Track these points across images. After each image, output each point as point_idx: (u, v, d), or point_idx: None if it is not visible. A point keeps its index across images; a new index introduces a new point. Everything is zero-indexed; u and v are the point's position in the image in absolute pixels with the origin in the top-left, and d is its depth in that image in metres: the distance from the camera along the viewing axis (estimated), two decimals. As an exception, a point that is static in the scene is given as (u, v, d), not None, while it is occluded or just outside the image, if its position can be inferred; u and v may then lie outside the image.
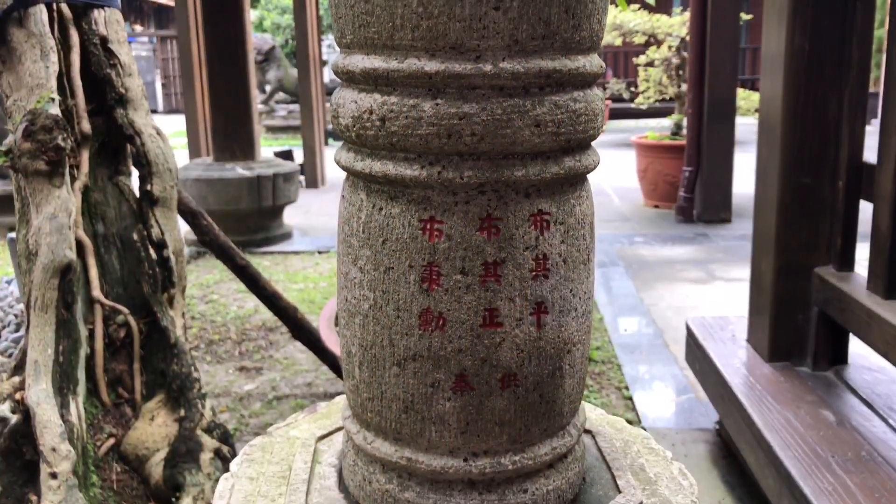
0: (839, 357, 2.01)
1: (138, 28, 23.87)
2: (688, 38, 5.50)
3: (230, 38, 4.77)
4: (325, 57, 13.88)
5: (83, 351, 2.05)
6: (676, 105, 5.92)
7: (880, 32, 12.90)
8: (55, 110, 2.07)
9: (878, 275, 1.76)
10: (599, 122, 0.76)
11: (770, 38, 1.99)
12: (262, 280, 2.62)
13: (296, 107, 12.83)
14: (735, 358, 2.11)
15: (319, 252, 4.75)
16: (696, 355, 2.27)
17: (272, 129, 12.96)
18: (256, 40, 12.79)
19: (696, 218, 5.34)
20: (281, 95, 13.81)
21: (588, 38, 0.74)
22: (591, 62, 0.75)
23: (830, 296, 1.91)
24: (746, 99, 5.72)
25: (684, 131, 5.60)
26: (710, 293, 3.74)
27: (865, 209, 1.90)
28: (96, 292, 2.12)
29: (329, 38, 15.21)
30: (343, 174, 0.85)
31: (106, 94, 2.27)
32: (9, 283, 4.21)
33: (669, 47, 5.88)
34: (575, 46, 0.73)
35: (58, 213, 2.01)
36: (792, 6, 1.88)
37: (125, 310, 2.14)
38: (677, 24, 5.79)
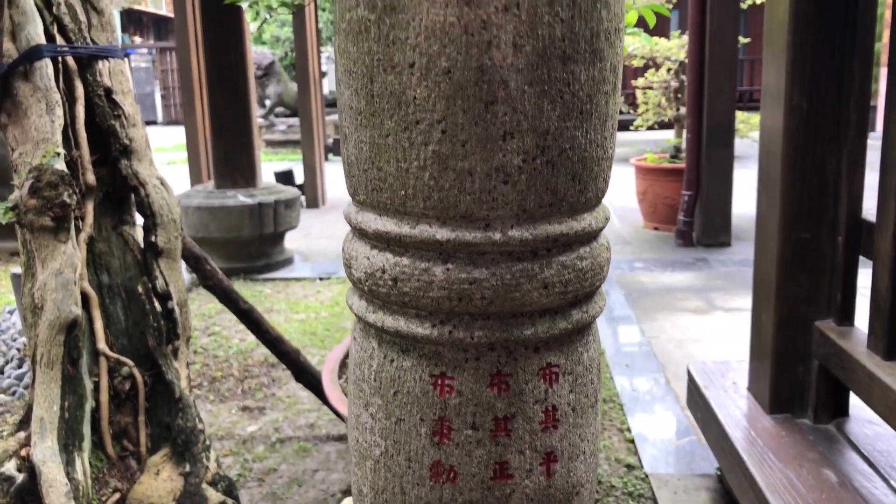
0: (840, 409, 2.03)
1: (137, 39, 23.93)
2: (686, 61, 5.53)
3: (231, 64, 4.79)
4: (324, 68, 13.93)
5: (88, 405, 2.06)
6: (675, 128, 5.95)
7: (878, 46, 12.96)
8: (61, 165, 2.09)
9: (877, 335, 1.77)
10: (605, 272, 0.78)
11: (769, 95, 2.01)
12: (265, 324, 2.63)
13: (295, 121, 12.87)
14: (736, 408, 2.12)
15: (321, 279, 4.76)
16: (698, 403, 2.29)
17: (272, 144, 12.99)
18: (256, 55, 12.84)
19: (695, 241, 5.36)
20: (280, 109, 13.85)
21: (594, 196, 0.75)
22: (597, 217, 0.77)
23: (831, 351, 1.93)
24: (745, 122, 5.74)
25: (683, 154, 5.63)
26: (711, 324, 3.76)
27: (867, 262, 1.92)
28: (101, 345, 2.13)
29: (328, 51, 15.25)
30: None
31: (110, 145, 2.28)
32: (10, 313, 4.22)
33: (668, 70, 5.90)
34: (581, 207, 0.75)
35: (63, 269, 2.03)
36: (790, 66, 1.90)
37: (130, 362, 2.16)
38: (675, 47, 5.82)
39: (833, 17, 1.87)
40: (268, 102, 13.40)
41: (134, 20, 23.57)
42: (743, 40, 5.73)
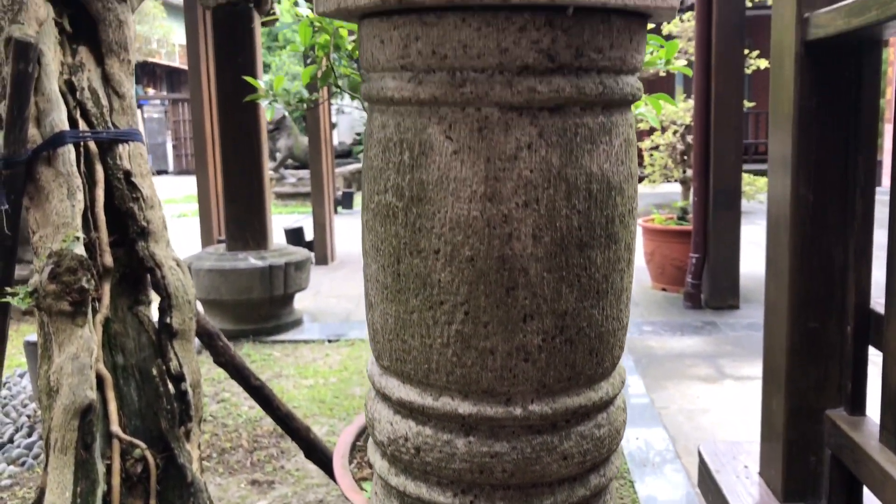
0: (855, 499, 2.02)
1: (151, 91, 24.37)
2: (691, 124, 5.61)
3: (244, 124, 4.88)
4: (333, 119, 14.13)
5: (100, 490, 2.06)
6: (682, 189, 6.00)
7: (882, 102, 13.06)
8: (80, 250, 2.14)
9: (889, 430, 1.77)
10: (622, 434, 0.80)
11: (775, 185, 2.04)
12: (276, 401, 2.64)
13: (305, 173, 13.02)
14: (748, 496, 2.11)
15: (329, 341, 4.77)
16: (709, 487, 2.28)
17: (282, 196, 13.12)
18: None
19: (704, 304, 5.37)
20: (290, 161, 14.02)
21: (610, 365, 0.78)
22: (614, 384, 0.80)
23: (842, 442, 1.92)
24: (752, 184, 5.80)
25: (690, 215, 5.67)
26: (721, 394, 3.74)
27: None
28: (115, 427, 2.15)
29: (338, 102, 15.50)
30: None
31: (128, 227, 2.33)
32: (21, 376, 4.24)
33: (674, 133, 5.98)
34: (598, 377, 0.77)
35: (80, 353, 2.06)
36: (796, 157, 1.94)
37: (143, 444, 2.16)
38: (681, 110, 5.91)
39: (836, 113, 1.91)
40: (278, 155, 13.57)
41: (148, 72, 24.05)
42: (748, 104, 5.81)
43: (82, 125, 2.41)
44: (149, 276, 2.34)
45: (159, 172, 22.54)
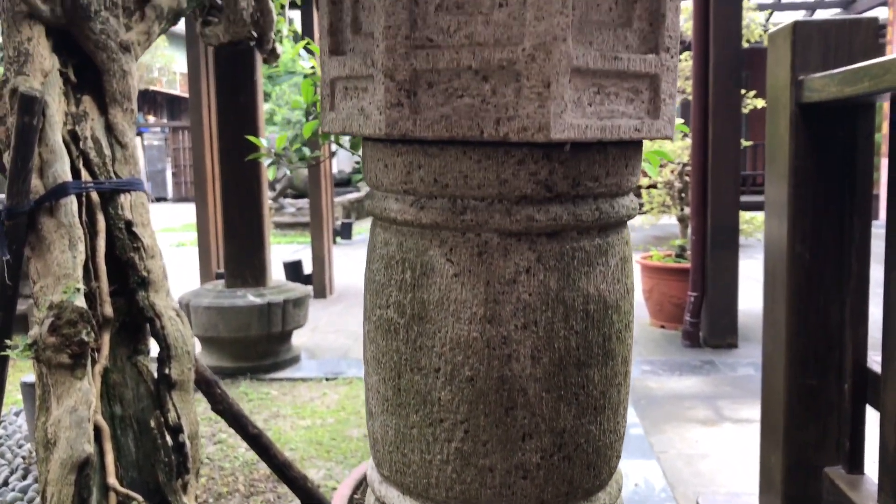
0: (852, 557, 2.01)
1: (151, 118, 24.51)
2: (689, 162, 5.65)
3: (244, 168, 4.91)
4: (332, 148, 14.27)
5: (96, 544, 2.05)
6: (680, 227, 6.03)
7: (878, 136, 13.09)
8: (80, 302, 2.14)
9: (887, 492, 1.77)
10: None
11: (772, 240, 2.06)
12: (273, 449, 2.63)
13: (304, 203, 13.07)
14: (748, 552, 2.10)
15: (327, 379, 4.76)
16: (709, 541, 2.26)
17: (281, 226, 13.15)
18: (268, 140, 13.13)
19: (702, 343, 5.37)
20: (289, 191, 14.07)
21: (607, 476, 0.79)
22: (611, 493, 0.81)
23: (840, 501, 1.92)
24: (749, 223, 5.83)
25: (688, 252, 5.69)
26: (720, 437, 3.73)
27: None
28: (112, 479, 2.14)
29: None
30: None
31: (128, 277, 2.34)
32: (17, 414, 4.22)
33: (672, 171, 6.03)
34: (595, 489, 0.78)
35: (78, 406, 2.06)
36: (792, 216, 1.96)
37: (139, 497, 2.16)
38: (679, 149, 5.95)
39: (832, 174, 1.94)
40: (277, 185, 13.63)
41: (149, 100, 24.21)
42: (745, 143, 5.86)
43: (85, 175, 2.43)
44: (148, 326, 2.35)
45: (158, 200, 22.60)
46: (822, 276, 1.97)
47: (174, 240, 12.79)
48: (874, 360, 1.94)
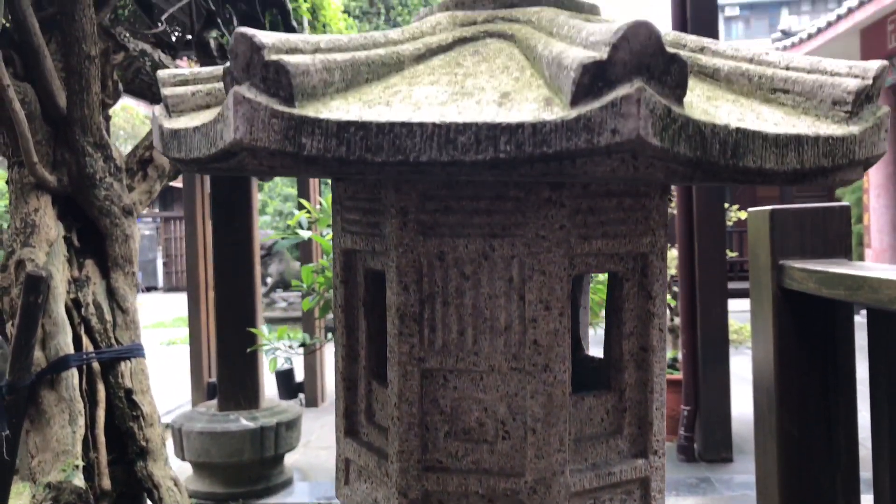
0: None
1: (144, 210, 24.73)
2: (677, 275, 5.75)
3: (239, 297, 4.97)
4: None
5: None
6: (670, 338, 6.09)
7: (860, 227, 13.24)
8: (79, 480, 2.15)
9: None
10: None
11: (762, 420, 2.11)
12: None
13: (296, 297, 13.09)
14: None
15: (320, 504, 4.70)
16: None
17: (272, 321, 13.12)
18: (260, 237, 13.25)
19: (697, 457, 5.35)
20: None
21: None
22: None
23: None
24: (738, 332, 5.89)
25: (679, 363, 5.72)
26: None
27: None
28: None
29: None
30: None
31: (127, 446, 2.36)
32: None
33: (660, 281, 6.12)
34: None
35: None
36: (779, 394, 2.02)
37: None
38: (667, 260, 6.06)
39: (815, 354, 2.00)
40: (269, 280, 13.67)
41: (142, 191, 24.43)
42: (731, 254, 5.98)
43: (86, 341, 2.47)
44: (146, 496, 2.36)
45: (149, 289, 22.53)
46: (812, 452, 2.01)
47: (165, 336, 12.72)
48: (867, 538, 1.96)
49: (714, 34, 5.51)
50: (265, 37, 0.68)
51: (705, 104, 0.76)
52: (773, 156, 0.72)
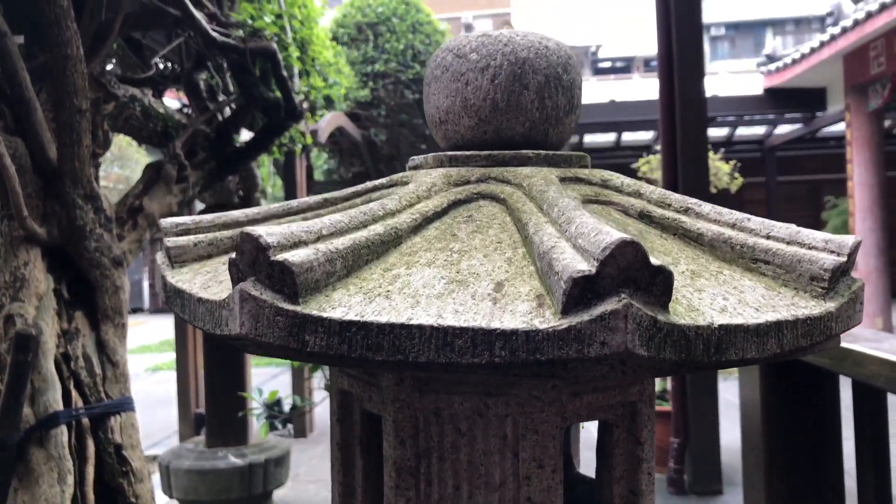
0: None
1: (133, 260, 24.59)
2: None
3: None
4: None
5: None
6: (659, 369, 6.10)
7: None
8: (67, 543, 2.13)
9: None
10: None
11: (750, 475, 2.12)
12: None
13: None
14: None
15: (309, 543, 4.67)
16: None
17: (260, 346, 13.05)
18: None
19: (687, 489, 5.36)
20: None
21: None
22: None
23: None
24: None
25: (668, 394, 5.74)
26: None
27: None
28: None
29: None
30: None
31: (116, 503, 2.34)
32: None
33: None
34: None
35: None
36: (768, 456, 2.03)
37: None
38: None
39: (803, 419, 2.03)
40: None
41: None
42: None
43: (76, 396, 2.46)
44: (134, 554, 2.34)
45: (135, 310, 22.37)
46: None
47: (150, 362, 12.59)
48: None
49: (699, 54, 5.54)
50: (269, 236, 0.70)
51: (690, 288, 0.79)
52: (755, 346, 0.74)
